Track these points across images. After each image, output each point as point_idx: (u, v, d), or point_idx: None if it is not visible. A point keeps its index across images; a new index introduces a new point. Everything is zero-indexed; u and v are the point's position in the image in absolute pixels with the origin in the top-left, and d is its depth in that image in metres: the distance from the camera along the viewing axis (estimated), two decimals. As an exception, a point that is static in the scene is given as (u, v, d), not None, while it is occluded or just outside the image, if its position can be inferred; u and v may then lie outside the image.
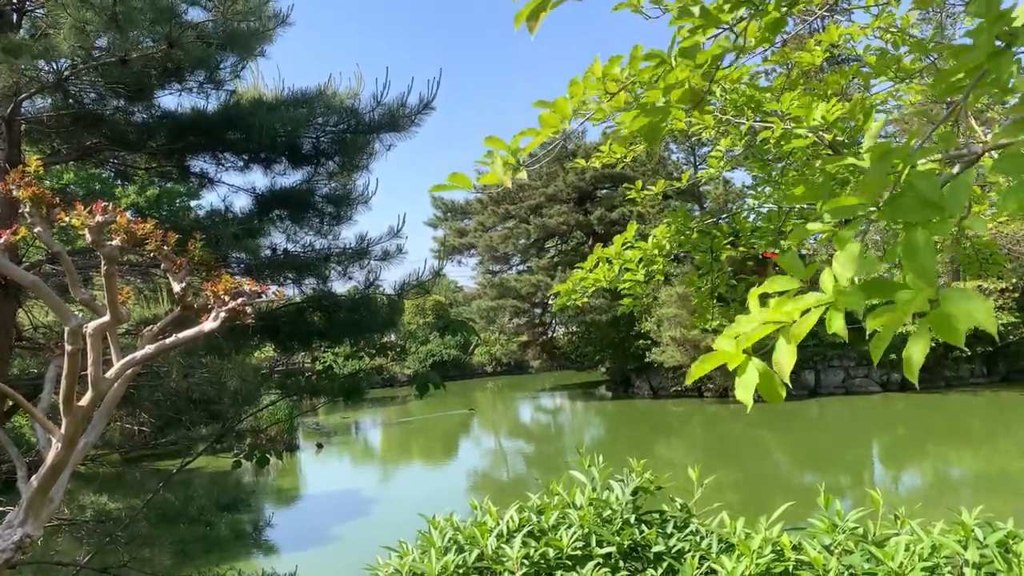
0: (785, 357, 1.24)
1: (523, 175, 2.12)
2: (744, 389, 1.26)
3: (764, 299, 1.38)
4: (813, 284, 1.31)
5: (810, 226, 1.63)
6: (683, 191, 33.03)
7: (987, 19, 1.38)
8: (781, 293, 1.33)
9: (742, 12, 2.21)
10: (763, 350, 1.31)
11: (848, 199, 1.33)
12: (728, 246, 4.58)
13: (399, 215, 7.22)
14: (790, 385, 1.26)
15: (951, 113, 1.57)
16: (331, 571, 11.04)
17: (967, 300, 1.05)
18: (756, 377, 1.26)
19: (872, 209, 1.30)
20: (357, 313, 6.89)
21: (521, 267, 41.85)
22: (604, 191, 38.02)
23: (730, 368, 1.29)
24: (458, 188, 2.11)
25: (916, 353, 1.11)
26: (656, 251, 4.31)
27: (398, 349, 8.21)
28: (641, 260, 4.30)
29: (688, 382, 1.43)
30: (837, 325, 1.19)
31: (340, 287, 7.21)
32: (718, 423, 25.80)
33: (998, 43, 1.39)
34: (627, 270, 4.26)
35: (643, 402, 31.59)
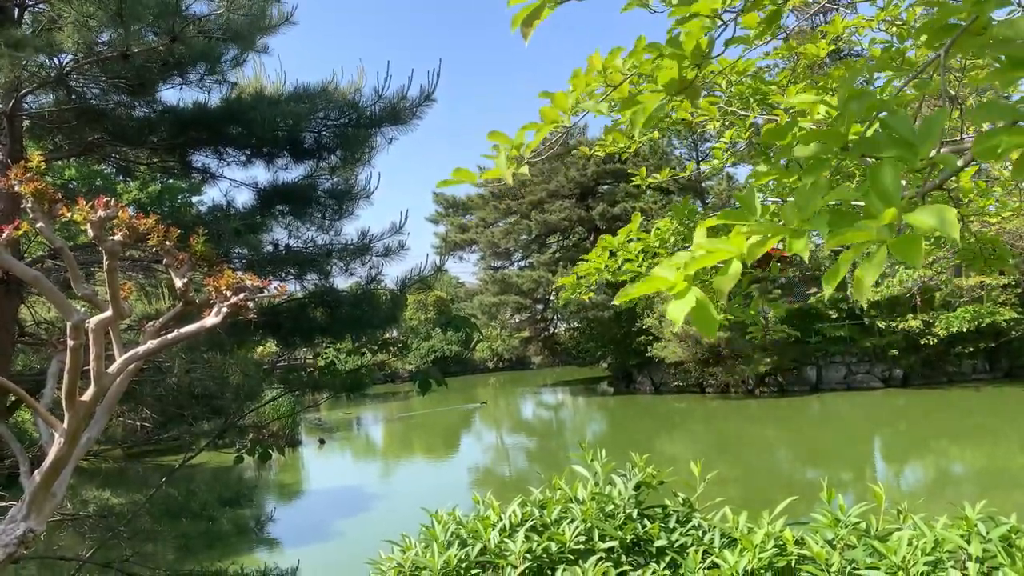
0: (728, 280, 1.25)
1: (525, 170, 2.12)
2: (677, 310, 1.27)
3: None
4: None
5: (760, 168, 1.65)
6: (686, 187, 32.98)
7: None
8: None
9: (737, 3, 2.20)
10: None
11: (814, 134, 1.36)
12: None
13: (401, 211, 7.23)
14: (728, 316, 1.30)
15: (932, 62, 1.57)
16: (333, 566, 11.07)
17: (929, 212, 1.07)
18: (692, 303, 1.26)
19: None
20: (359, 309, 6.89)
21: (523, 263, 41.86)
22: (606, 187, 37.99)
23: (670, 292, 1.29)
24: (462, 182, 2.11)
25: (868, 275, 1.12)
26: (658, 243, 4.29)
27: (400, 345, 8.21)
28: (643, 252, 4.29)
29: (618, 301, 1.43)
30: (798, 246, 1.21)
31: (342, 283, 7.22)
32: (720, 418, 25.81)
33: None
34: (628, 261, 4.24)
35: (645, 397, 31.61)
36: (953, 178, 3.88)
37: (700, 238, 1.36)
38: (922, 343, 26.66)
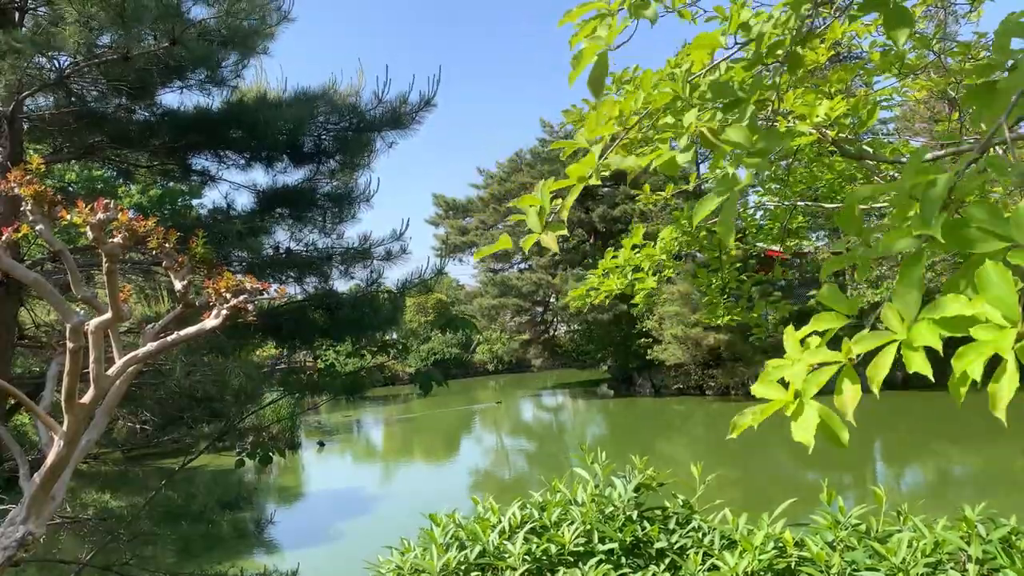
0: (849, 396, 1.22)
1: (564, 230, 2.18)
2: (803, 433, 1.26)
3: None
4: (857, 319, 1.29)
5: (832, 253, 1.60)
6: (684, 188, 33.01)
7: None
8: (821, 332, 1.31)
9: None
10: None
11: (901, 233, 1.28)
12: (737, 243, 4.58)
13: (403, 218, 7.22)
14: (854, 423, 1.25)
15: (987, 140, 1.52)
16: (333, 568, 11.06)
17: None
18: (816, 419, 1.25)
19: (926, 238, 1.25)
20: (359, 311, 6.89)
21: (522, 265, 41.85)
22: (606, 189, 38.00)
23: (787, 413, 1.27)
24: (503, 248, 2.19)
25: (1004, 389, 1.07)
26: (664, 255, 4.32)
27: (400, 347, 8.19)
28: (650, 268, 4.32)
29: (735, 434, 1.42)
30: (918, 364, 1.16)
31: (342, 286, 7.22)
32: (720, 421, 25.78)
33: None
34: (638, 279, 4.27)
35: (645, 400, 31.59)
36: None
37: (794, 349, 1.32)
38: (922, 345, 26.64)
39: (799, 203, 4.30)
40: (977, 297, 1.10)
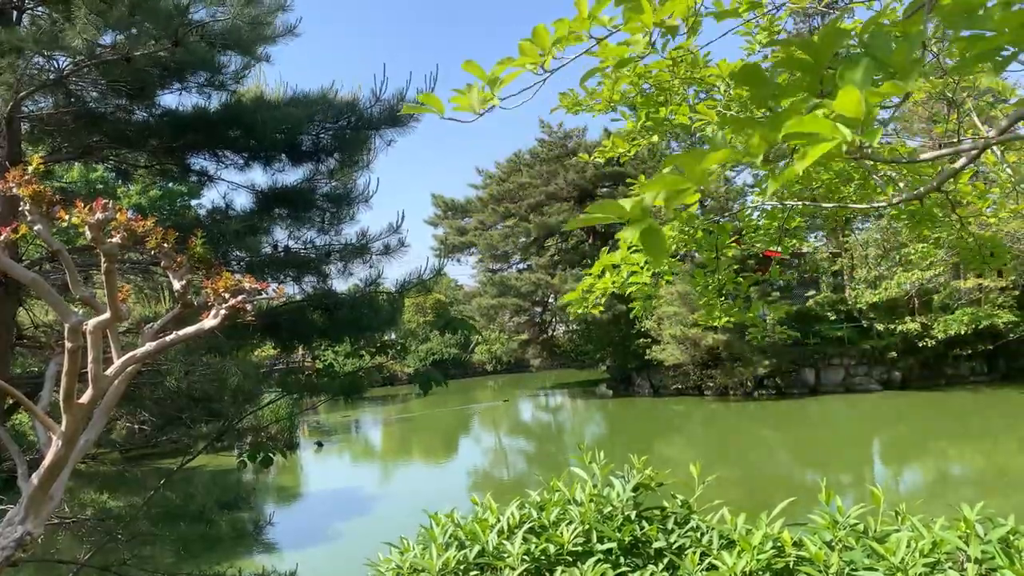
0: (674, 201, 1.35)
1: (496, 103, 2.06)
2: (629, 232, 1.37)
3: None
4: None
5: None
6: (683, 189, 32.95)
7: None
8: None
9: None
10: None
11: (791, 62, 1.38)
12: (733, 244, 4.58)
13: (398, 211, 7.21)
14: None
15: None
16: (332, 569, 11.05)
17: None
18: (645, 226, 1.35)
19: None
20: (358, 311, 6.88)
21: (521, 265, 41.85)
22: (605, 189, 38.01)
23: (629, 219, 1.36)
24: (431, 111, 2.02)
25: (809, 156, 1.14)
26: (661, 253, 4.29)
27: (399, 347, 8.20)
28: (647, 263, 4.29)
29: (570, 227, 1.53)
30: (756, 150, 1.26)
31: (341, 285, 7.21)
32: (719, 421, 25.81)
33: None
34: (634, 273, 4.25)
35: (644, 400, 31.61)
36: (951, 180, 3.89)
37: (665, 171, 1.41)
38: (920, 345, 26.67)
39: (797, 203, 4.31)
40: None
